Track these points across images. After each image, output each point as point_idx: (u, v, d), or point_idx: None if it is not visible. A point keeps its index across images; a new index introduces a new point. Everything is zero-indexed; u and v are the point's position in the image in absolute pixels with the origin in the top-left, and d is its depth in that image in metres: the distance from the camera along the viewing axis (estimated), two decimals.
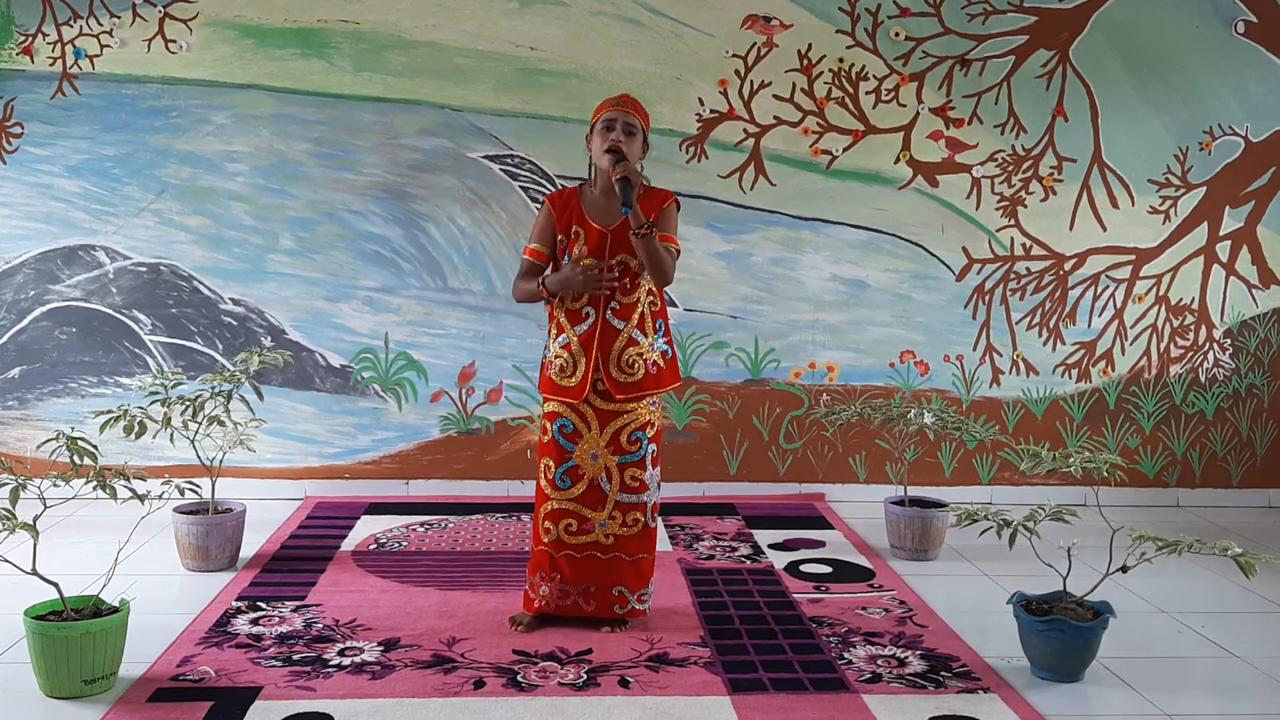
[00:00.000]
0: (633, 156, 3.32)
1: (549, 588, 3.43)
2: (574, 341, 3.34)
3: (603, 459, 3.37)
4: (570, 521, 3.40)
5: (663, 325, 3.43)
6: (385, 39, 4.93)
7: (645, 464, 3.40)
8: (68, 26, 4.86)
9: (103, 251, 4.98)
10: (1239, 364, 5.35)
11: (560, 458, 3.39)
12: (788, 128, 5.08)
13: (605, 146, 3.30)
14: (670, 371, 3.42)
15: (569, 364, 3.34)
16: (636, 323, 3.35)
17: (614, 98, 3.42)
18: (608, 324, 3.33)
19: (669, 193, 3.43)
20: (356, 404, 5.13)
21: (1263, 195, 5.26)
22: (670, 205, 3.40)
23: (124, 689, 2.95)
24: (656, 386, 3.37)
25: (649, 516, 3.43)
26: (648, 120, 3.43)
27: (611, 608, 3.42)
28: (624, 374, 3.32)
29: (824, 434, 5.25)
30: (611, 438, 3.37)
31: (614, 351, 3.32)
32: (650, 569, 3.48)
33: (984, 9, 5.04)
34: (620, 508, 3.39)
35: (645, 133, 3.39)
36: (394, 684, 3.01)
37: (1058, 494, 5.20)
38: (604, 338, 3.32)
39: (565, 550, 3.41)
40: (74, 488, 3.13)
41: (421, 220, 5.05)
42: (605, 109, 3.37)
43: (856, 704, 2.94)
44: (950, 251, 5.20)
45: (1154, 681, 3.15)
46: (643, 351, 3.34)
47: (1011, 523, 3.18)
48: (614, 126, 3.32)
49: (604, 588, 3.41)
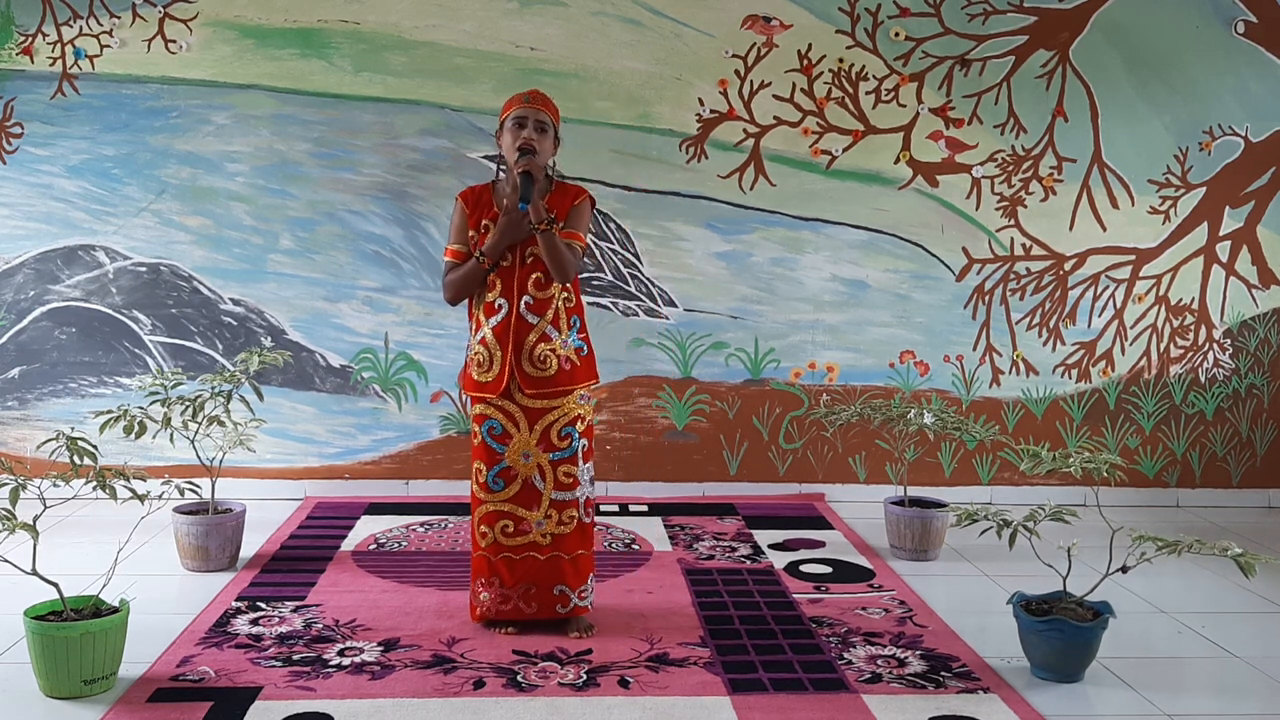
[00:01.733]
0: (544, 153, 3.31)
1: (488, 594, 3.40)
2: (489, 335, 3.31)
3: (535, 457, 3.34)
4: (506, 523, 3.36)
5: (578, 321, 3.39)
6: (385, 39, 4.93)
7: (577, 459, 3.37)
8: (68, 26, 4.86)
9: (103, 251, 4.98)
10: (1239, 364, 5.35)
11: (491, 460, 3.35)
12: (788, 128, 5.09)
13: (516, 144, 3.28)
14: (585, 368, 3.37)
15: (485, 358, 3.31)
16: (550, 319, 3.32)
17: (524, 93, 3.37)
18: (521, 318, 3.29)
19: (583, 189, 3.42)
20: (356, 404, 5.13)
21: (1263, 195, 5.26)
22: (582, 202, 3.38)
23: (124, 689, 2.95)
24: (570, 383, 3.33)
25: (583, 512, 3.40)
26: (558, 115, 3.40)
27: (554, 608, 3.38)
28: (536, 369, 3.29)
29: (824, 434, 5.25)
30: (542, 435, 3.33)
31: (526, 346, 3.29)
32: (590, 565, 3.45)
33: (984, 9, 5.04)
34: (555, 505, 3.36)
35: (557, 128, 3.37)
36: (394, 684, 3.01)
37: (1058, 494, 5.19)
38: (518, 331, 3.29)
39: (503, 553, 3.37)
40: (74, 488, 3.13)
41: (421, 220, 5.05)
42: (515, 105, 3.34)
43: (856, 704, 2.94)
44: (950, 252, 5.20)
45: (1154, 681, 3.15)
46: (555, 348, 3.31)
47: (1011, 523, 3.18)
48: (525, 124, 3.30)
49: (544, 588, 3.37)
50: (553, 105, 3.39)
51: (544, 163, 3.31)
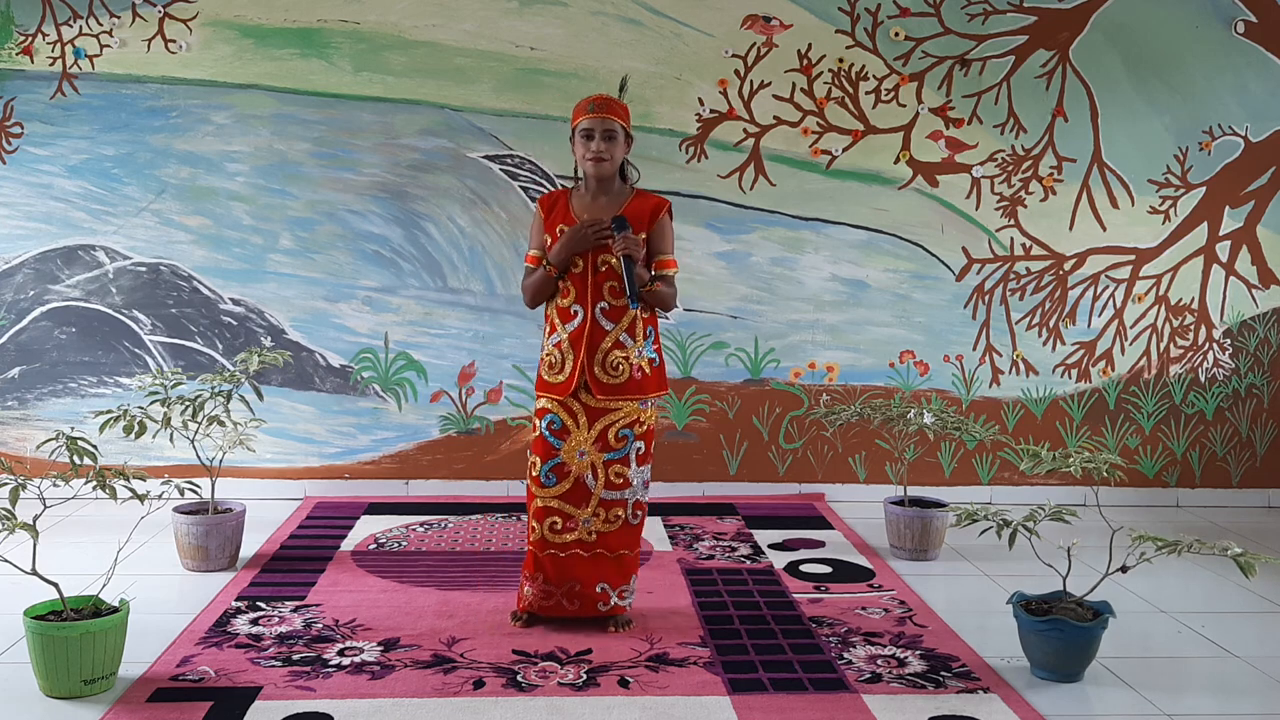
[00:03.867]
0: (616, 159, 3.34)
1: (532, 588, 3.44)
2: (564, 339, 3.35)
3: (589, 456, 3.37)
4: (555, 519, 3.39)
5: (653, 332, 3.42)
6: (385, 39, 4.93)
7: (630, 460, 3.39)
8: (67, 26, 4.86)
9: (103, 251, 4.98)
10: (1239, 364, 5.35)
11: (547, 454, 3.39)
12: (787, 128, 5.09)
13: (588, 157, 3.31)
14: (656, 380, 3.41)
15: (558, 361, 3.36)
16: (626, 326, 3.34)
17: (589, 100, 3.36)
18: (596, 323, 3.33)
19: (663, 200, 3.43)
20: (356, 404, 5.13)
21: (1262, 195, 5.26)
22: (664, 218, 3.39)
23: (124, 689, 2.95)
24: (640, 393, 3.36)
25: (630, 513, 3.42)
26: (628, 116, 3.39)
27: (595, 605, 3.41)
28: (608, 375, 3.32)
29: (824, 434, 5.25)
30: (600, 434, 3.36)
31: (600, 351, 3.32)
32: (633, 565, 3.47)
33: (984, 9, 5.04)
34: (604, 504, 3.39)
35: (627, 130, 3.37)
36: (394, 684, 3.01)
37: (1058, 494, 5.20)
38: (592, 337, 3.32)
39: (549, 549, 3.40)
40: (74, 488, 3.13)
41: (421, 220, 5.05)
42: (582, 115, 3.34)
43: (856, 704, 2.94)
44: (950, 251, 5.20)
45: (1154, 681, 3.15)
46: (629, 355, 3.34)
47: (1011, 523, 3.18)
48: (593, 135, 3.30)
49: (587, 584, 3.40)
50: (621, 108, 3.37)
51: (614, 169, 3.36)
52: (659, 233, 3.37)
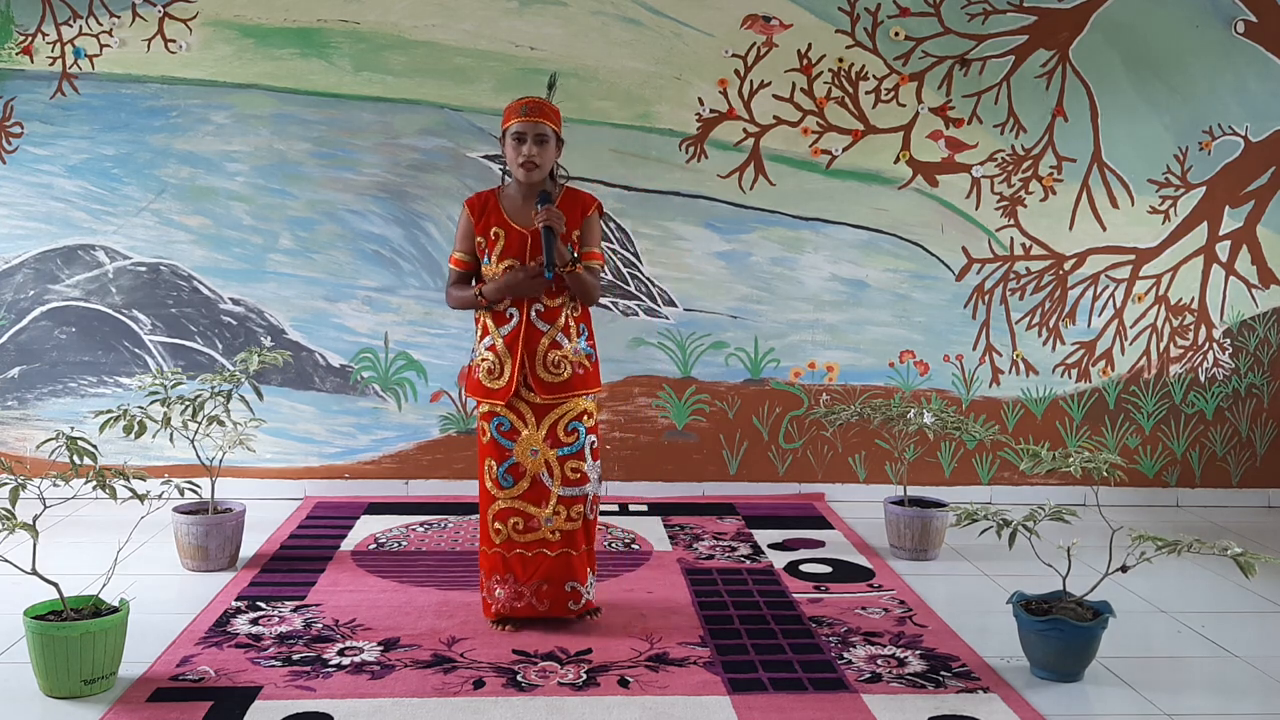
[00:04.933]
0: (547, 164, 3.34)
1: (502, 590, 3.42)
2: (499, 343, 3.35)
3: (542, 453, 3.37)
4: (517, 520, 3.39)
5: (585, 329, 3.44)
6: (385, 39, 4.93)
7: (584, 455, 3.40)
8: (67, 26, 4.86)
9: (102, 251, 4.98)
10: (1239, 364, 5.35)
11: (500, 456, 3.39)
12: (787, 127, 5.08)
13: (519, 161, 3.30)
14: (595, 374, 3.44)
15: (496, 365, 3.35)
16: (561, 326, 3.35)
17: (521, 103, 3.34)
18: (532, 325, 3.33)
19: (592, 198, 3.45)
20: (356, 404, 5.13)
21: (1262, 195, 5.26)
22: (593, 215, 3.42)
23: (124, 689, 2.95)
24: (584, 388, 3.38)
25: (589, 508, 3.43)
26: (559, 119, 3.38)
27: (566, 604, 3.42)
28: (550, 374, 3.34)
29: (824, 434, 5.25)
30: (549, 430, 3.37)
31: (539, 353, 3.33)
32: (592, 560, 3.50)
33: (984, 9, 5.04)
34: (563, 501, 3.39)
35: (558, 134, 3.37)
36: (394, 684, 3.01)
37: (1057, 494, 5.20)
38: (529, 339, 3.33)
39: (516, 549, 3.40)
40: (74, 488, 3.13)
41: (421, 220, 5.05)
42: (514, 117, 3.32)
43: (856, 704, 2.94)
44: (950, 251, 5.20)
45: (1154, 681, 3.15)
46: (566, 354, 3.35)
47: (1011, 523, 3.18)
48: (524, 139, 3.30)
49: (556, 584, 3.40)
50: (552, 111, 3.37)
51: (545, 174, 3.35)
52: (587, 229, 3.40)
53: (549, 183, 3.42)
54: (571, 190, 3.45)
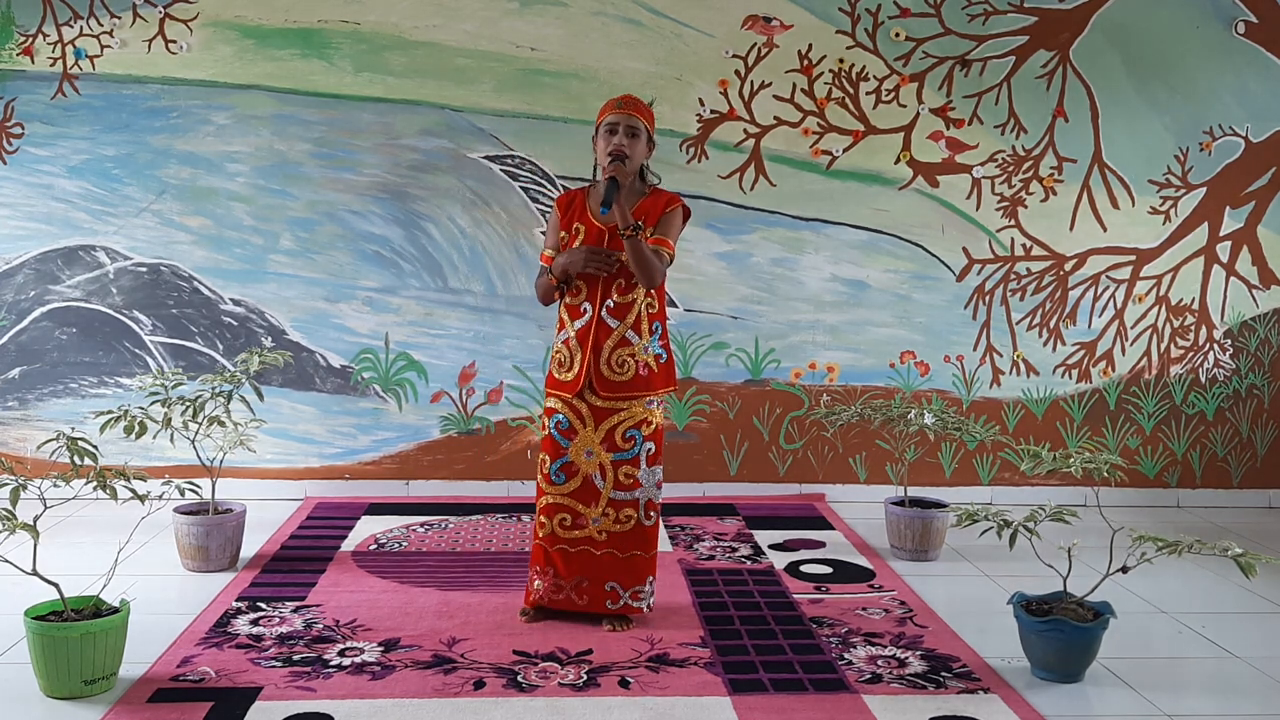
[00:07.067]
0: (636, 157, 3.36)
1: (542, 582, 3.47)
2: (572, 337, 3.38)
3: (597, 456, 3.39)
4: (564, 516, 3.42)
5: (660, 328, 3.43)
6: (385, 39, 4.93)
7: (639, 462, 3.40)
8: (68, 27, 4.86)
9: (103, 252, 4.98)
10: (1239, 364, 5.35)
11: (555, 453, 3.42)
12: (788, 128, 5.09)
13: (608, 150, 3.32)
14: (663, 376, 3.43)
15: (567, 358, 3.39)
16: (632, 323, 3.36)
17: (616, 99, 3.43)
18: (602, 321, 3.35)
19: (677, 197, 3.46)
20: (357, 404, 5.13)
21: (1263, 195, 5.26)
22: (674, 209, 3.42)
23: (124, 689, 2.95)
24: (646, 389, 3.38)
25: (643, 514, 3.42)
26: (652, 119, 3.44)
27: (604, 603, 3.43)
28: (613, 373, 3.35)
29: (824, 434, 5.25)
30: (606, 434, 3.38)
31: (605, 349, 3.34)
32: (647, 567, 3.47)
33: (984, 9, 5.04)
34: (614, 504, 3.40)
35: (650, 132, 3.41)
36: (394, 684, 3.01)
37: (1058, 494, 5.19)
38: (598, 334, 3.35)
39: (559, 545, 3.43)
40: (74, 488, 3.13)
41: (422, 220, 5.05)
42: (608, 111, 3.39)
43: (857, 704, 2.94)
44: (950, 252, 5.20)
45: (1154, 681, 3.14)
46: (634, 352, 3.36)
47: (1012, 523, 3.18)
48: (617, 130, 3.34)
49: (596, 582, 3.42)
50: (646, 109, 3.43)
51: (634, 168, 3.36)
52: (665, 220, 3.39)
53: (639, 182, 3.43)
54: (657, 190, 3.46)
